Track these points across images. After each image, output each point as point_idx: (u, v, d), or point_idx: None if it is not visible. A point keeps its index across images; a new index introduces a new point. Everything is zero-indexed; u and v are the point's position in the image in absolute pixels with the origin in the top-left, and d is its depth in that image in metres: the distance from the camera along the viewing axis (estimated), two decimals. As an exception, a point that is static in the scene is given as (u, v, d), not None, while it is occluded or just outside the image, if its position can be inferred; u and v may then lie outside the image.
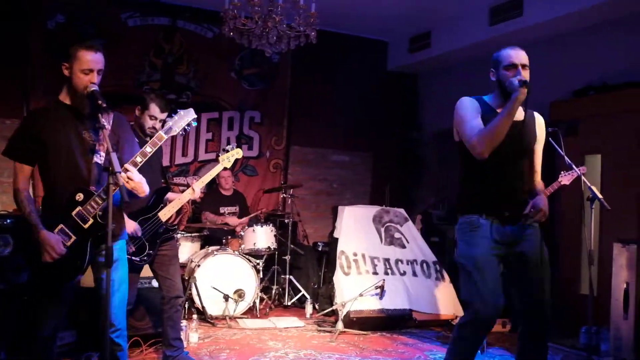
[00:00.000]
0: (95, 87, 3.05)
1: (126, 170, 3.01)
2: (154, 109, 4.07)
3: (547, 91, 6.58)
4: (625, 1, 5.59)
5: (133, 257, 4.07)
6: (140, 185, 3.06)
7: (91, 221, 3.09)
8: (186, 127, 3.41)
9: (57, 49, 6.75)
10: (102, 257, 2.97)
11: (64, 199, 3.10)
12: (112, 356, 3.20)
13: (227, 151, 4.70)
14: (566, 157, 4.28)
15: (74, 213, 3.07)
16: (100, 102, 2.97)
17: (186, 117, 3.38)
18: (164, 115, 4.08)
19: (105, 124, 2.98)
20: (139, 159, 3.11)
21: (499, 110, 3.33)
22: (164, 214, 4.25)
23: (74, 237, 3.08)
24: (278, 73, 8.08)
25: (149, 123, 4.07)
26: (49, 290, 3.19)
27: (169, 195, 4.38)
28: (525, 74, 3.32)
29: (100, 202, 3.06)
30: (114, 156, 2.85)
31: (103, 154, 3.13)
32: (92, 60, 3.08)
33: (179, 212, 4.68)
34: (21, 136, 3.18)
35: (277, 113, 8.16)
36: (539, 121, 3.58)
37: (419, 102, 9.00)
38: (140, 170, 3.10)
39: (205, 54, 7.66)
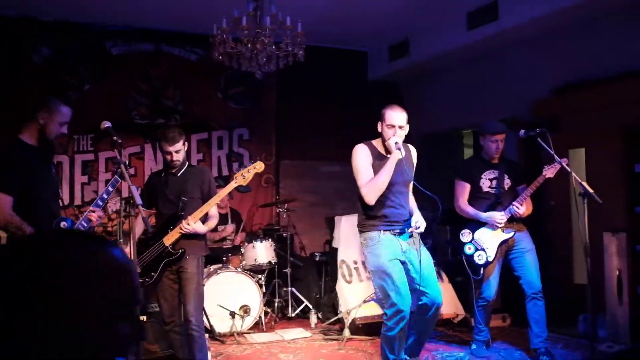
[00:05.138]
0: (109, 124, 3.24)
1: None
2: (164, 145, 4.30)
3: (527, 90, 6.81)
4: (598, 1, 5.80)
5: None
6: None
7: None
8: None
9: (46, 82, 6.86)
10: None
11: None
12: None
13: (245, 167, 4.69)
14: (555, 155, 4.51)
15: None
16: (115, 138, 3.15)
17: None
18: (176, 147, 4.28)
19: (122, 159, 3.14)
20: (100, 202, 3.60)
21: (384, 153, 4.27)
22: (168, 239, 4.38)
23: None
24: (264, 90, 8.19)
25: (167, 158, 4.34)
26: None
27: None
28: (401, 133, 4.25)
29: (82, 229, 3.43)
30: (134, 189, 3.02)
31: (62, 190, 3.51)
32: (69, 114, 3.55)
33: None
34: (6, 170, 3.39)
35: (265, 129, 8.29)
36: (413, 152, 4.53)
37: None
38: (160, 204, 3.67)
39: (191, 77, 7.77)
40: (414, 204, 4.50)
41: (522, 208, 4.89)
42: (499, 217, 4.91)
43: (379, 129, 4.27)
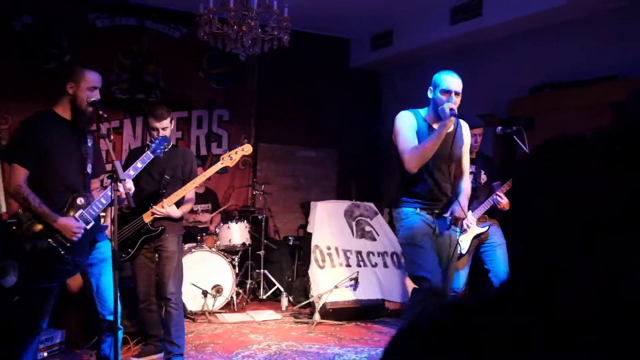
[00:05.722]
0: (95, 98, 3.26)
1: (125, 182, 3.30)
2: (151, 120, 4.30)
3: (505, 89, 6.92)
4: (576, 5, 5.91)
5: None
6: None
7: (92, 222, 3.41)
8: (165, 151, 3.97)
9: (26, 51, 6.79)
10: (97, 253, 3.50)
11: (61, 205, 3.35)
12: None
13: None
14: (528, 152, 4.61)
15: (77, 215, 3.36)
16: (101, 112, 3.17)
17: (164, 142, 3.95)
18: (163, 124, 4.30)
19: (105, 134, 3.17)
20: (132, 172, 3.61)
21: (432, 125, 3.90)
22: (147, 216, 4.41)
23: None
24: (246, 72, 8.19)
25: (152, 134, 4.35)
26: (48, 286, 3.42)
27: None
28: (457, 100, 3.85)
29: (101, 206, 3.40)
30: (117, 164, 3.05)
31: (90, 165, 3.50)
32: (98, 79, 3.44)
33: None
34: (23, 142, 3.39)
35: (245, 111, 8.31)
36: (465, 128, 4.07)
37: (381, 98, 9.27)
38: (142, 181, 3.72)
39: (174, 54, 7.73)
40: (467, 185, 4.11)
41: (505, 199, 4.98)
42: (469, 221, 5.01)
43: (429, 95, 3.93)
